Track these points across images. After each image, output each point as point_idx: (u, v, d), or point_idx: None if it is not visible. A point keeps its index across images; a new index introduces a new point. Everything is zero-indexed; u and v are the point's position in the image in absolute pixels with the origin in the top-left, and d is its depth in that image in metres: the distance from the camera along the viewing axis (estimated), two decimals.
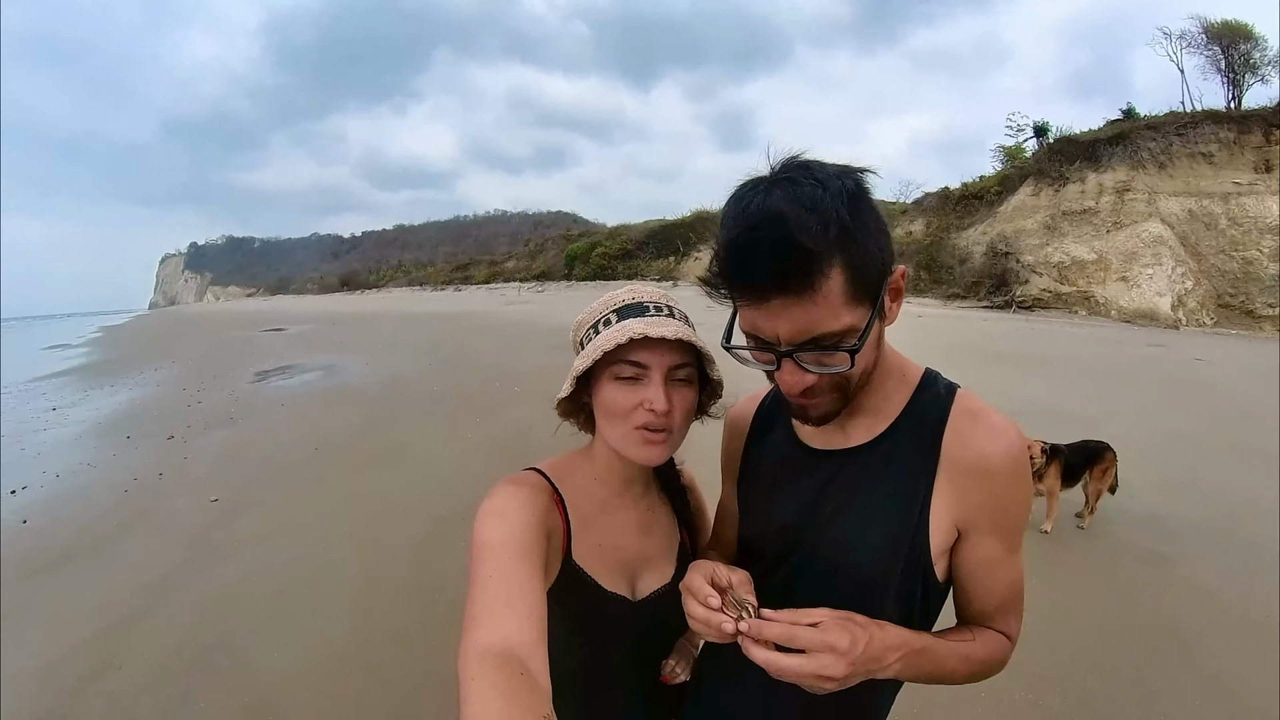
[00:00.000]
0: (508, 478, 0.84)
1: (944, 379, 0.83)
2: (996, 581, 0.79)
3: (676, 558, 0.97)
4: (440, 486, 4.76)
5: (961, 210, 24.51)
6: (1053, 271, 19.31)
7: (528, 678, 0.58)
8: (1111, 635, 2.79)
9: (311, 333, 19.96)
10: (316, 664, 2.74)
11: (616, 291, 0.90)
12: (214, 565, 3.73)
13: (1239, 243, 17.55)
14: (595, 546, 0.88)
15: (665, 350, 0.81)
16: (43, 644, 3.01)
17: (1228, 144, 19.10)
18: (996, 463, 0.74)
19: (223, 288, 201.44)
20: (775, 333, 0.67)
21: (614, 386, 0.83)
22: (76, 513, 4.71)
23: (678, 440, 0.86)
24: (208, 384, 10.39)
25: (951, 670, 0.75)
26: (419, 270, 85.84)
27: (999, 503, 0.75)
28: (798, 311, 0.64)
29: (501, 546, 0.71)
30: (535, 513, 0.77)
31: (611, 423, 0.84)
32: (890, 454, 0.79)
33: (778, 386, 0.76)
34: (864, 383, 0.76)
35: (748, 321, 0.69)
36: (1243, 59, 22.12)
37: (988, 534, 0.77)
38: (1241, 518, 3.99)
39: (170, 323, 34.96)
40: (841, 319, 0.65)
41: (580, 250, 43.64)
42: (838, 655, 0.63)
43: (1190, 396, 7.51)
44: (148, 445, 6.54)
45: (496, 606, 0.64)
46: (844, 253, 0.63)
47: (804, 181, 0.63)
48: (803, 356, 0.68)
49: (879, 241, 0.67)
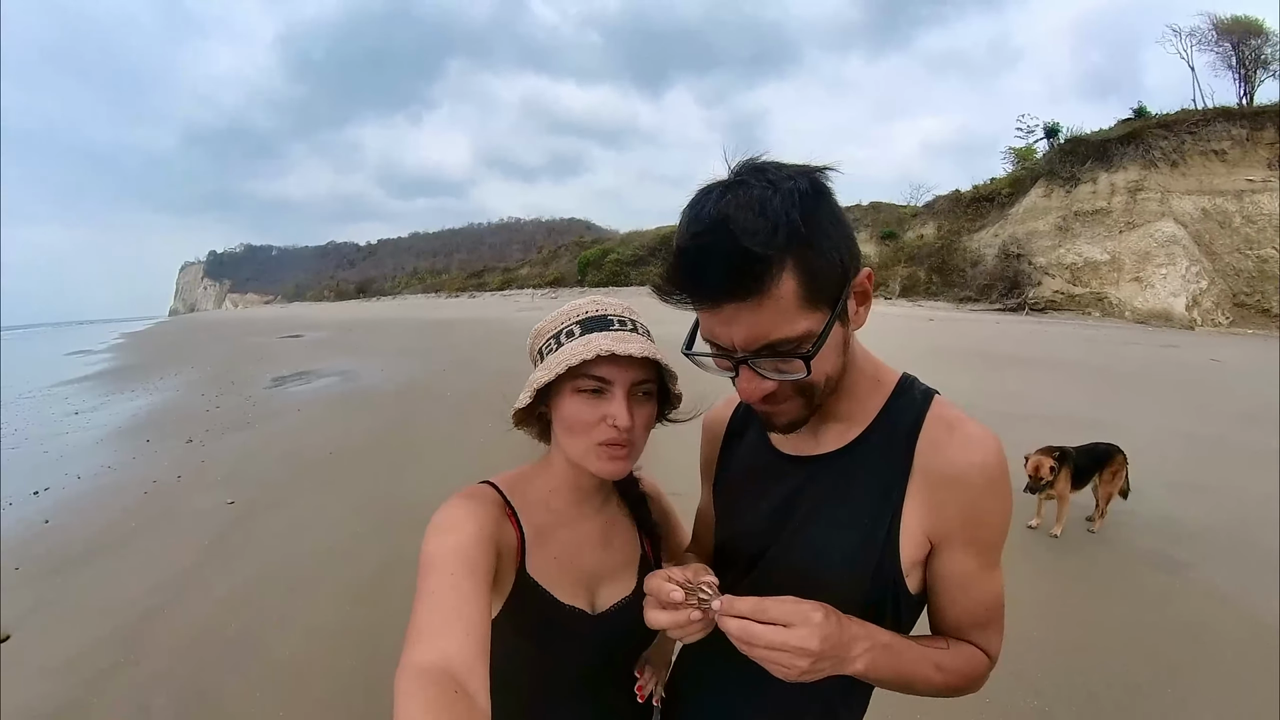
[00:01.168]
0: (459, 492, 0.84)
1: (921, 384, 0.80)
2: (971, 598, 0.76)
3: (638, 569, 0.96)
4: (453, 489, 4.75)
5: (973, 213, 24.40)
6: (1065, 273, 19.16)
7: (462, 695, 0.57)
8: (1122, 642, 2.75)
9: (328, 339, 20.19)
10: (329, 661, 2.79)
11: (579, 301, 0.88)
12: (230, 565, 3.81)
13: (1254, 241, 17.34)
14: (551, 559, 0.87)
15: (629, 367, 0.80)
16: (63, 640, 3.08)
17: (1240, 141, 18.90)
18: (971, 474, 0.71)
19: (241, 295, 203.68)
20: (730, 339, 0.65)
21: (575, 400, 0.81)
22: (97, 513, 4.82)
23: (638, 453, 0.86)
24: (226, 389, 10.56)
25: (923, 676, 0.73)
26: (434, 277, 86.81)
27: (973, 516, 0.72)
28: (750, 317, 0.62)
29: (445, 562, 0.70)
30: (483, 526, 0.77)
31: (572, 437, 0.83)
32: (861, 461, 0.77)
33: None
34: (830, 389, 0.73)
35: (706, 328, 0.68)
36: (1254, 54, 21.84)
37: (961, 548, 0.74)
38: (1257, 522, 3.93)
39: (190, 329, 35.47)
40: (797, 325, 0.63)
41: (593, 257, 44.05)
42: (811, 627, 0.62)
43: (1205, 398, 7.45)
44: (166, 448, 6.67)
45: (435, 624, 0.64)
46: (796, 256, 0.61)
47: (755, 184, 0.61)
48: (759, 363, 0.66)
49: (837, 244, 0.64)
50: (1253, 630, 2.80)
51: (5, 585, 3.66)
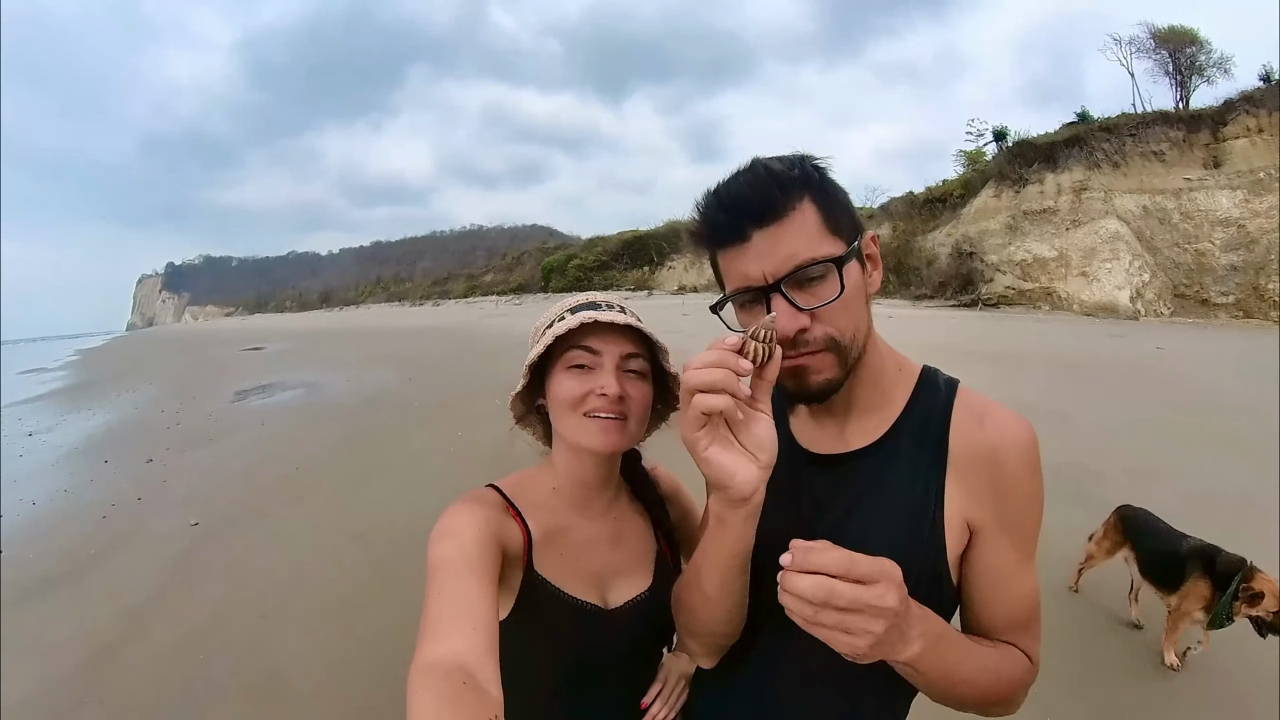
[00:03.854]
0: (462, 496, 0.85)
1: (944, 375, 0.82)
2: (1012, 593, 0.75)
3: (654, 568, 0.95)
4: (425, 500, 4.74)
5: (926, 214, 25.06)
6: (1016, 269, 19.85)
7: (472, 685, 0.59)
8: (1087, 625, 2.88)
9: (291, 350, 19.57)
10: (304, 687, 2.72)
11: (573, 296, 0.95)
12: (196, 590, 3.69)
13: (1191, 236, 18.25)
14: (559, 557, 0.87)
15: (617, 338, 0.84)
16: (21, 676, 2.95)
17: (1178, 143, 19.87)
18: (1007, 454, 0.72)
19: (201, 307, 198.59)
20: (761, 270, 0.69)
21: (566, 376, 0.84)
22: (54, 541, 4.63)
23: (635, 432, 0.87)
24: (186, 404, 10.26)
25: (970, 675, 0.69)
26: (398, 286, 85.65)
27: (1009, 497, 0.73)
28: (777, 241, 0.68)
29: (452, 564, 0.72)
30: (487, 528, 0.78)
31: (564, 413, 0.85)
32: (895, 455, 0.77)
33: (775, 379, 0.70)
34: (858, 353, 0.74)
35: (737, 273, 0.72)
36: (1189, 62, 23.04)
37: (1000, 534, 0.73)
38: (1214, 502, 3.99)
39: (148, 344, 34.07)
40: (821, 246, 0.68)
41: (556, 263, 44.07)
42: (892, 583, 0.58)
43: (1154, 385, 7.63)
44: (126, 468, 6.46)
45: (443, 622, 0.65)
46: (813, 192, 0.70)
47: (767, 158, 0.73)
48: (792, 292, 0.69)
49: (844, 200, 0.73)
50: None
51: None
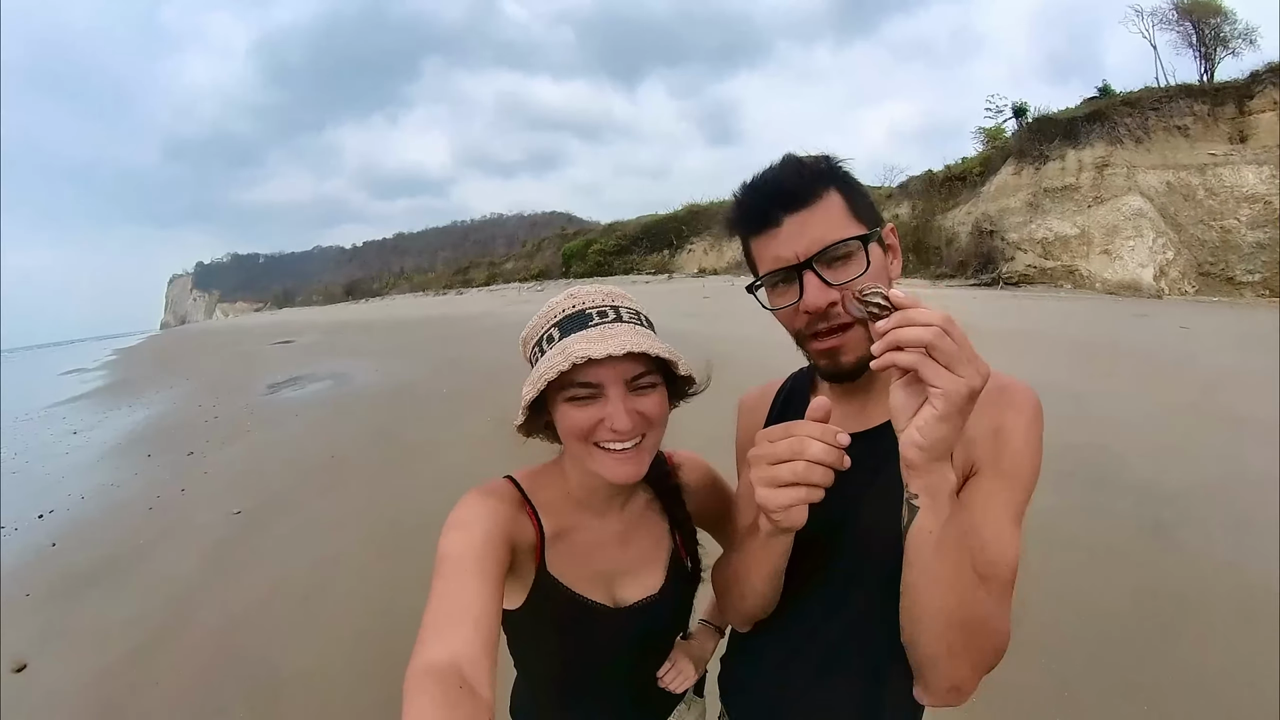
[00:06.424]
0: (477, 487, 0.83)
1: None
2: (987, 541, 0.73)
3: (667, 568, 0.94)
4: (455, 486, 4.83)
5: (946, 192, 24.58)
6: (1037, 248, 19.47)
7: (467, 690, 0.59)
8: (1110, 604, 2.83)
9: (320, 342, 19.82)
10: (345, 671, 2.80)
11: (557, 299, 0.83)
12: (240, 577, 3.82)
13: (1217, 212, 17.70)
14: (570, 556, 0.87)
15: (617, 363, 0.75)
16: (79, 666, 3.06)
17: (1202, 117, 19.20)
18: (1005, 396, 0.78)
19: (231, 304, 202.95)
20: (794, 251, 0.77)
21: (569, 408, 0.78)
22: (103, 533, 4.80)
23: (652, 447, 0.82)
24: (222, 398, 10.50)
25: (955, 572, 0.67)
26: (420, 276, 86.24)
27: (1008, 441, 0.76)
28: (806, 225, 0.77)
29: (458, 560, 0.71)
30: (498, 524, 0.77)
31: (574, 443, 0.80)
32: None
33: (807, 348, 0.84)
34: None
35: (769, 256, 0.80)
36: (1213, 33, 22.07)
37: (992, 476, 0.76)
38: (1235, 483, 3.96)
39: (182, 341, 34.78)
40: (847, 229, 0.78)
41: (576, 248, 43.83)
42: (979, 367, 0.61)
43: (1178, 364, 7.47)
44: (168, 462, 6.66)
45: (442, 622, 0.65)
46: (838, 181, 0.80)
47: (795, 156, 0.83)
48: (822, 269, 0.77)
49: (865, 193, 0.83)
50: (1234, 588, 2.90)
51: (17, 613, 3.63)
